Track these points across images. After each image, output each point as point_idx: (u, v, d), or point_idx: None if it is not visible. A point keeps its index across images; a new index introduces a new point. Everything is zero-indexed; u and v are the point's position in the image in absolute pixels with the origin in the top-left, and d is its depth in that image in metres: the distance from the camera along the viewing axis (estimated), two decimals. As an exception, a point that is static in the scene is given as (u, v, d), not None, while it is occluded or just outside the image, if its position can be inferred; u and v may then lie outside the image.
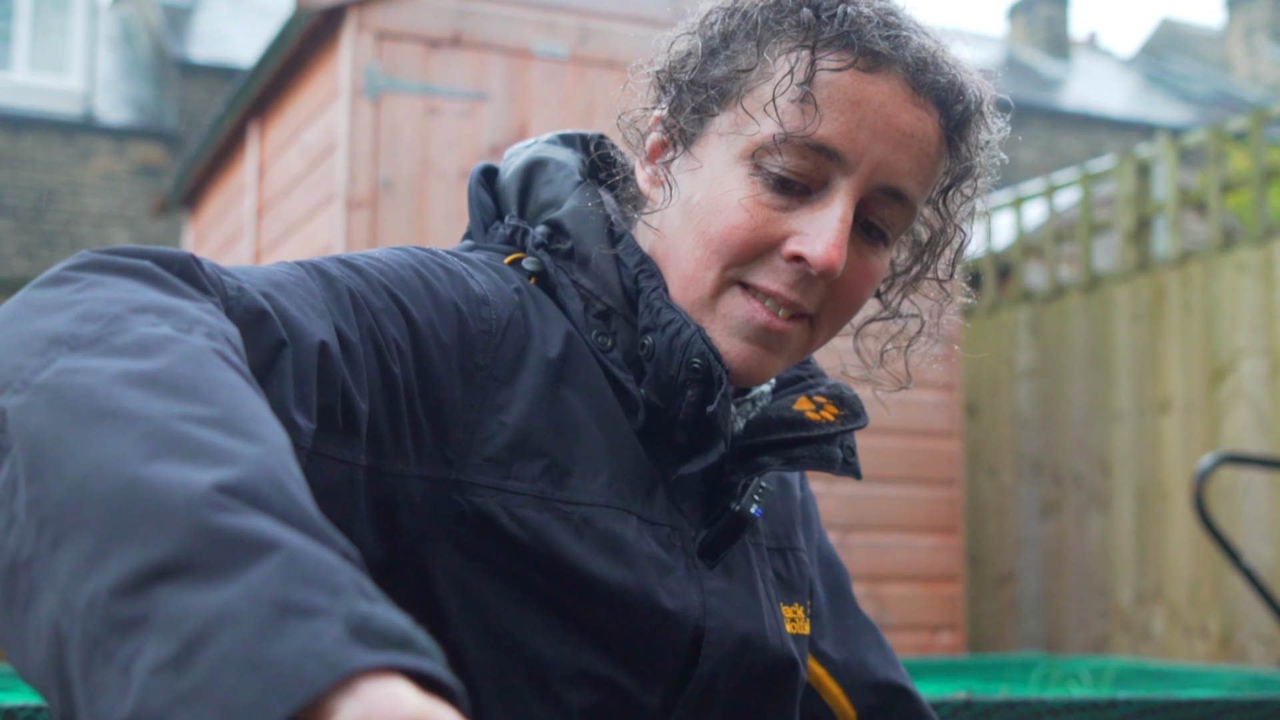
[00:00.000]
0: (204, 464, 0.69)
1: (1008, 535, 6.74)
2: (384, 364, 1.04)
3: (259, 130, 5.89)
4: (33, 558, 0.69)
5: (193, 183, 7.11)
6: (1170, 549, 5.86)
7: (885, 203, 1.18)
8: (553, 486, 1.12)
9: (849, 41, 1.14)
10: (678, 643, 1.17)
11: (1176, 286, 5.97)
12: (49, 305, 0.84)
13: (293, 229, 5.27)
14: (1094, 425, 6.31)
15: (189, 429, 0.72)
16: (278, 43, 5.20)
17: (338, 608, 0.63)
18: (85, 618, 0.65)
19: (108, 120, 13.95)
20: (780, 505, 1.37)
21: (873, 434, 5.36)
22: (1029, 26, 20.72)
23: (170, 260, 0.92)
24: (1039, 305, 6.73)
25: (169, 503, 0.67)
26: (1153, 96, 20.22)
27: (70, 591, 0.66)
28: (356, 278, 1.08)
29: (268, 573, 0.63)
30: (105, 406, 0.73)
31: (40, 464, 0.72)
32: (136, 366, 0.76)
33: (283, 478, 0.71)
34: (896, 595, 5.40)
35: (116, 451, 0.70)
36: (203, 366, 0.78)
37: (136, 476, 0.68)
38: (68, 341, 0.79)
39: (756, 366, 1.20)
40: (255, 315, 0.95)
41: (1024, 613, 6.61)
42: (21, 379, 0.77)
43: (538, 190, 1.27)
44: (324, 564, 0.65)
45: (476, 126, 4.82)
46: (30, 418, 0.74)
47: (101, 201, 13.77)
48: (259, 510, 0.67)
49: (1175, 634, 5.80)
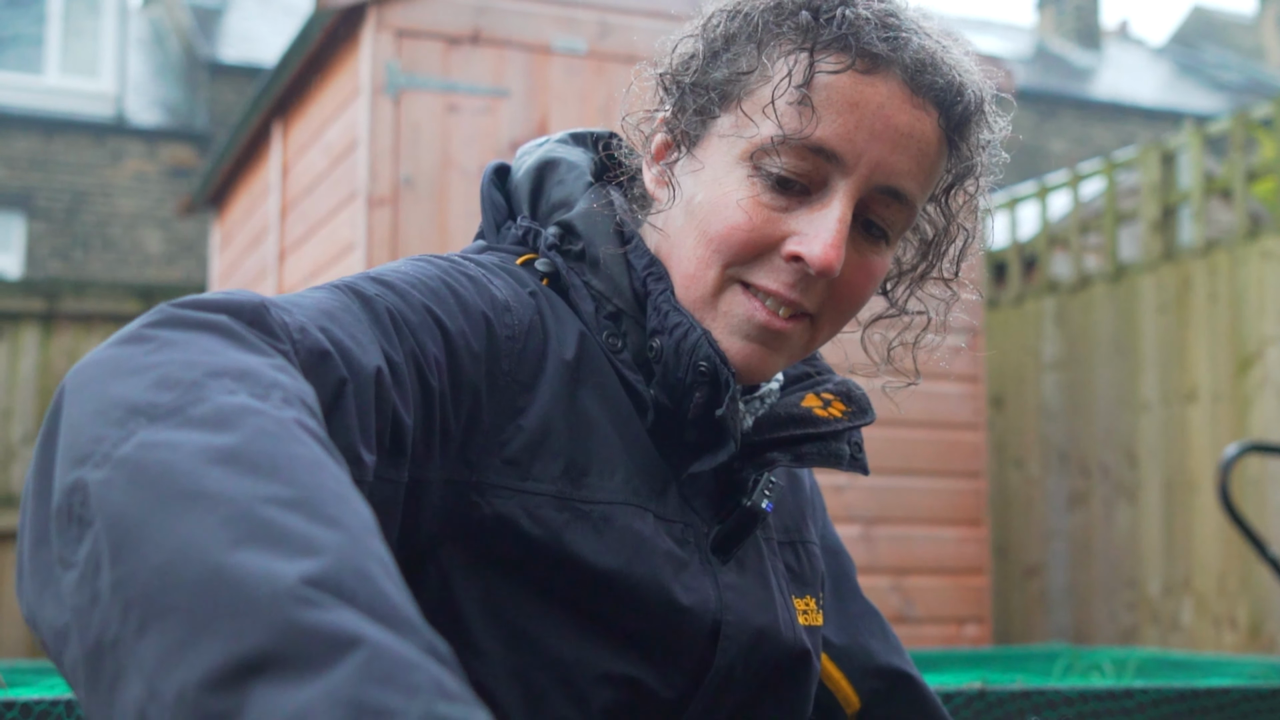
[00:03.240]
0: (288, 553, 0.70)
1: (1035, 527, 6.72)
2: (424, 380, 1.06)
3: (282, 129, 5.93)
4: (118, 640, 0.70)
5: (219, 183, 7.16)
6: (1198, 539, 5.82)
7: (885, 202, 1.19)
8: (571, 486, 1.13)
9: (847, 44, 1.15)
10: (695, 637, 1.18)
11: (1202, 275, 5.93)
12: (125, 368, 0.84)
13: (316, 227, 5.30)
14: (1121, 416, 6.28)
15: (272, 513, 0.72)
16: (299, 42, 5.23)
17: (413, 709, 0.63)
18: (175, 709, 0.66)
19: (138, 122, 14.06)
20: (790, 499, 1.39)
21: (897, 427, 5.35)
22: (1059, 16, 20.60)
23: (242, 310, 0.92)
24: (1064, 296, 6.70)
25: (255, 595, 0.67)
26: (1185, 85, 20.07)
27: (158, 680, 0.67)
28: (392, 295, 1.09)
29: (348, 671, 0.64)
30: (187, 487, 0.74)
31: (125, 544, 0.72)
32: (216, 442, 0.77)
33: (368, 566, 0.71)
34: (922, 588, 5.39)
35: (201, 536, 0.71)
36: (281, 442, 0.78)
37: (222, 565, 0.69)
38: (145, 412, 0.79)
39: (757, 365, 1.21)
40: (319, 356, 0.96)
41: (1052, 605, 6.58)
42: (102, 452, 0.77)
43: (549, 190, 1.29)
44: (403, 662, 0.66)
45: (496, 123, 4.83)
46: (113, 494, 0.75)
47: (133, 202, 13.87)
48: (344, 603, 0.68)
49: (1204, 625, 5.77)
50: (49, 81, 14.02)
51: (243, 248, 6.70)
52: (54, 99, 13.90)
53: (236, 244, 6.89)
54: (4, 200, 13.55)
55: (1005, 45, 19.32)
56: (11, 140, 13.60)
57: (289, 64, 5.43)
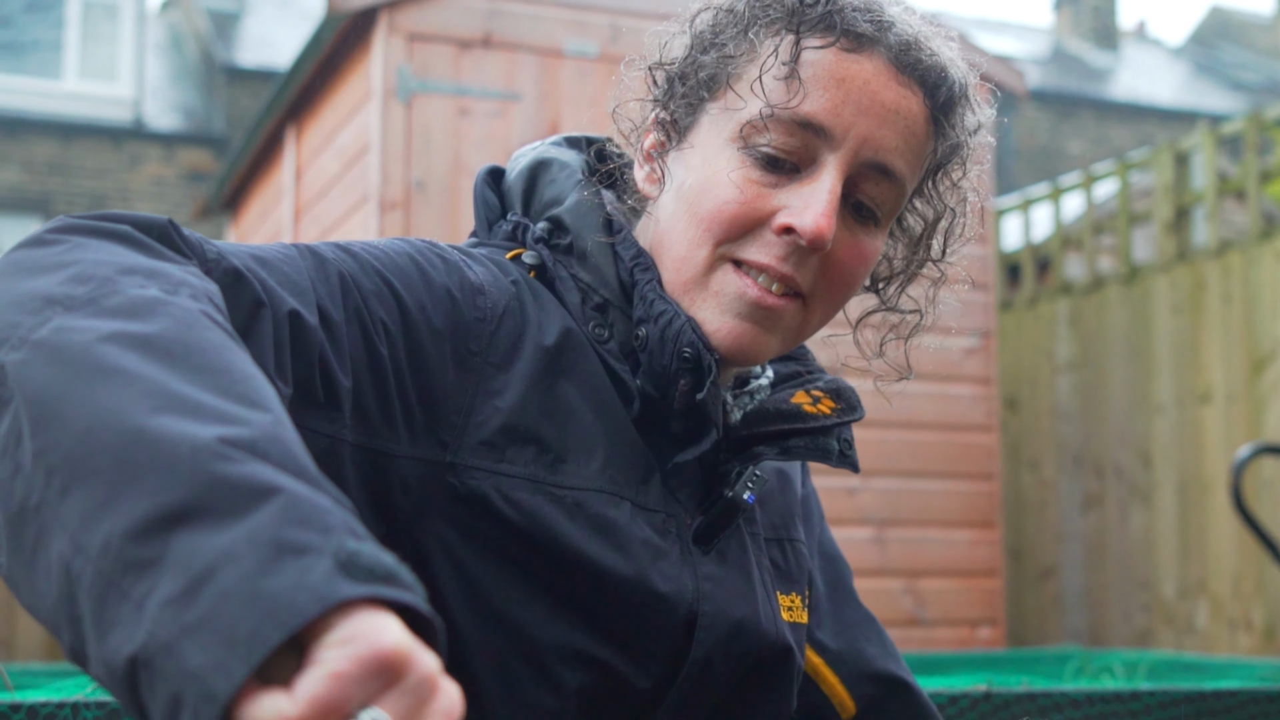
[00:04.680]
0: (206, 420, 0.74)
1: (1049, 529, 6.70)
2: (370, 344, 1.07)
3: (295, 134, 5.95)
4: (42, 503, 0.73)
5: (233, 186, 7.19)
6: (1213, 541, 5.80)
7: (874, 180, 1.20)
8: (545, 470, 1.14)
9: (832, 23, 1.17)
10: (671, 625, 1.19)
11: (1216, 276, 5.91)
12: (37, 266, 0.87)
13: (329, 230, 5.32)
14: (1135, 417, 6.26)
15: (187, 389, 0.76)
16: (311, 46, 5.25)
17: (328, 545, 0.68)
18: (99, 559, 0.70)
19: (156, 126, 14.12)
20: (780, 497, 1.39)
21: (910, 429, 5.35)
22: (1076, 17, 20.54)
23: (149, 225, 0.95)
24: (1078, 297, 6.68)
25: (176, 453, 0.71)
26: (1203, 86, 20.00)
27: (82, 534, 0.71)
28: (349, 260, 1.11)
29: (267, 516, 0.69)
30: (106, 364, 0.77)
31: (45, 415, 0.75)
32: (131, 328, 0.80)
33: (280, 433, 0.76)
34: (935, 590, 5.38)
35: (121, 404, 0.74)
36: (193, 329, 0.82)
37: (143, 427, 0.73)
38: (61, 302, 0.82)
39: (750, 344, 1.21)
40: (233, 276, 0.98)
41: (1067, 607, 6.56)
42: (19, 336, 0.80)
43: (542, 189, 1.30)
44: (317, 507, 0.71)
45: (508, 126, 4.85)
46: (31, 372, 0.78)
47: (152, 206, 13.93)
48: (259, 459, 0.72)
49: (1219, 627, 5.75)
50: (67, 86, 14.09)
51: (257, 251, 6.71)
52: (72, 104, 13.97)
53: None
54: (24, 204, 13.62)
55: (1022, 46, 19.27)
56: (31, 145, 13.67)
57: (301, 68, 5.45)
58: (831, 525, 1.54)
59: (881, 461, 5.28)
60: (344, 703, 0.66)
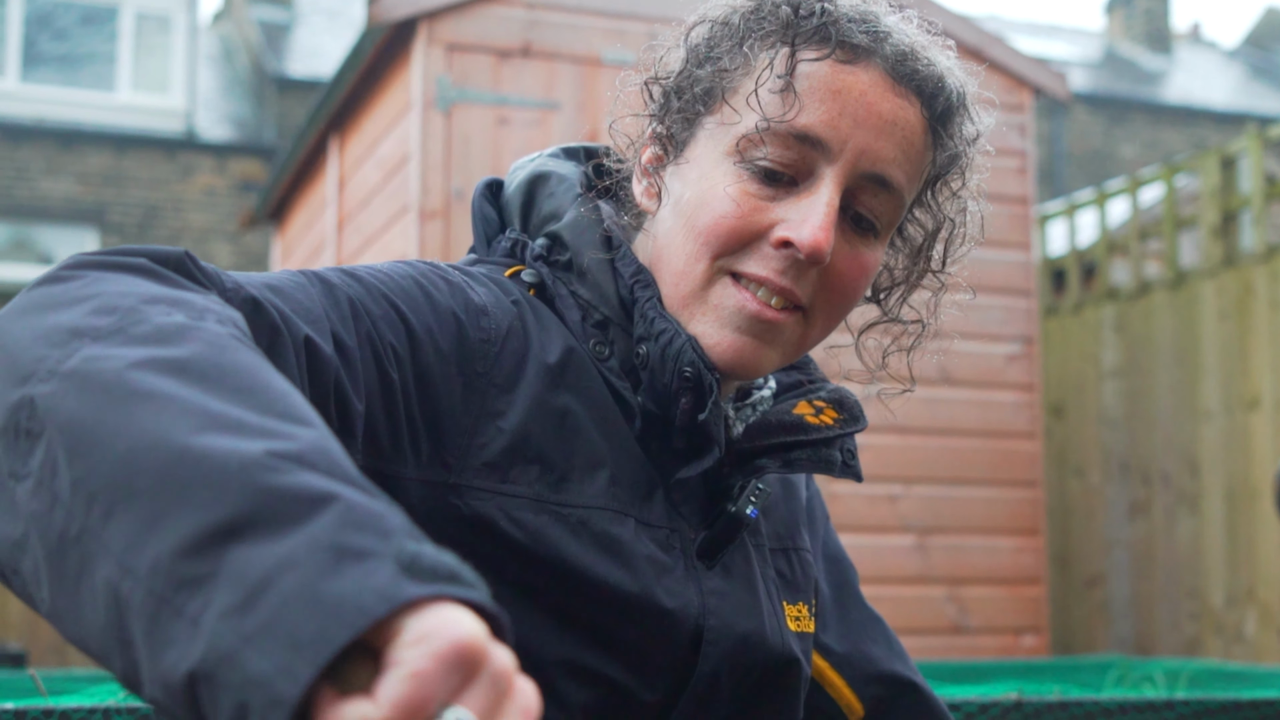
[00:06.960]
0: (251, 437, 0.73)
1: (1096, 537, 6.64)
2: (382, 369, 1.08)
3: (339, 144, 6.00)
4: (83, 531, 0.72)
5: (278, 197, 7.26)
6: (1262, 549, 5.73)
7: (872, 192, 1.20)
8: (549, 490, 1.15)
9: (827, 34, 1.17)
10: (677, 641, 1.19)
11: (1264, 281, 5.84)
12: (58, 301, 0.86)
13: (371, 240, 5.36)
14: (1182, 424, 6.20)
15: (228, 408, 0.75)
16: (352, 58, 5.30)
17: (389, 549, 0.68)
18: (149, 578, 0.68)
19: (208, 137, 14.26)
20: (784, 506, 1.39)
21: (952, 435, 5.32)
22: (1128, 20, 20.35)
23: (166, 258, 0.95)
24: (1124, 303, 6.62)
25: (225, 468, 0.70)
26: (1258, 88, 19.77)
27: (129, 557, 0.69)
28: (356, 286, 1.11)
29: (324, 522, 0.68)
30: (141, 389, 0.76)
31: (81, 444, 0.74)
32: (162, 354, 0.79)
33: (326, 445, 0.75)
34: (978, 597, 5.34)
35: (162, 426, 0.73)
36: (225, 351, 0.81)
37: (187, 446, 0.72)
38: (88, 333, 0.81)
39: (749, 358, 1.21)
40: (251, 306, 0.98)
41: (1114, 615, 6.50)
42: (46, 368, 0.79)
43: (540, 203, 1.31)
44: (375, 512, 0.70)
45: (547, 135, 4.86)
46: (63, 403, 0.76)
47: (204, 217, 14.07)
48: (310, 469, 0.71)
49: (1269, 636, 5.68)
50: (121, 98, 14.26)
51: (302, 260, 6.78)
52: (126, 115, 14.14)
53: (296, 257, 6.98)
54: (78, 215, 13.80)
55: (1073, 50, 19.13)
56: (85, 156, 13.85)
57: (343, 79, 5.50)
58: (873, 532, 1.54)
59: (923, 468, 5.26)
60: (428, 701, 0.65)
